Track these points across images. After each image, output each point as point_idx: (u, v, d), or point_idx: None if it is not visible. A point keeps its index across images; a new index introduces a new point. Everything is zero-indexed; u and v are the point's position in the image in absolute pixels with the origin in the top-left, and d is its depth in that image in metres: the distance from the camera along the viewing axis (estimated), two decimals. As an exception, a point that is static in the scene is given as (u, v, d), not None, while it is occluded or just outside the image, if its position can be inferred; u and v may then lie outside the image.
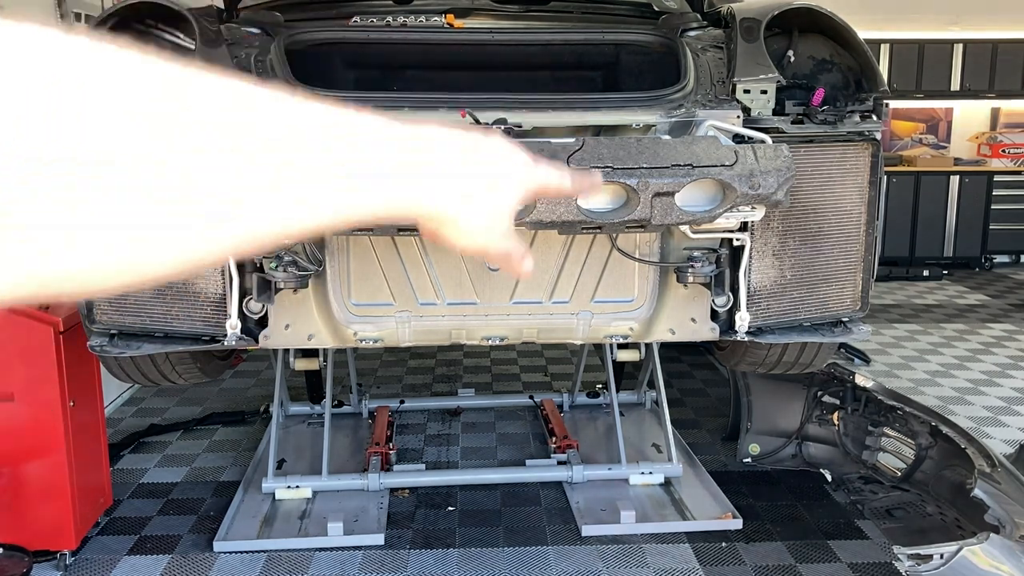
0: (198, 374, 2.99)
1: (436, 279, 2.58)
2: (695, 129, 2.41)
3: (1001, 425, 4.33)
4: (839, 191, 2.57)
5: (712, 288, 2.58)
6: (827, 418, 3.69)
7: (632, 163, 2.12)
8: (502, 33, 3.00)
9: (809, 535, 3.21)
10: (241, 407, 4.52)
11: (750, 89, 2.48)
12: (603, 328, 2.66)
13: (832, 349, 3.00)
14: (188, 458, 3.94)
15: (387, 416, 4.07)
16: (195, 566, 3.02)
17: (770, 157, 2.17)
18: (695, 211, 2.19)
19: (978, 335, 6.03)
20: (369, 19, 3.02)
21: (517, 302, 2.62)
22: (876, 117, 2.58)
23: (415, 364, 5.36)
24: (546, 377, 5.11)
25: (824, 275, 2.62)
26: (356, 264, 2.55)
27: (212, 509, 3.43)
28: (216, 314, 2.45)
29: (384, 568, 3.00)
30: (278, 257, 2.39)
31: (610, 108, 2.50)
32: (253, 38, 2.69)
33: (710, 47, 2.74)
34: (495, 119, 2.39)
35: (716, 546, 3.13)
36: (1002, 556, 2.27)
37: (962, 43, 8.11)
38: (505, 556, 3.07)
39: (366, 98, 2.49)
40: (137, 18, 2.49)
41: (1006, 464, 2.86)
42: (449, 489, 3.57)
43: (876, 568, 2.99)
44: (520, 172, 0.61)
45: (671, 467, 3.56)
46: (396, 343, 2.64)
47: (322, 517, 3.24)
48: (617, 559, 3.04)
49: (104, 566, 3.02)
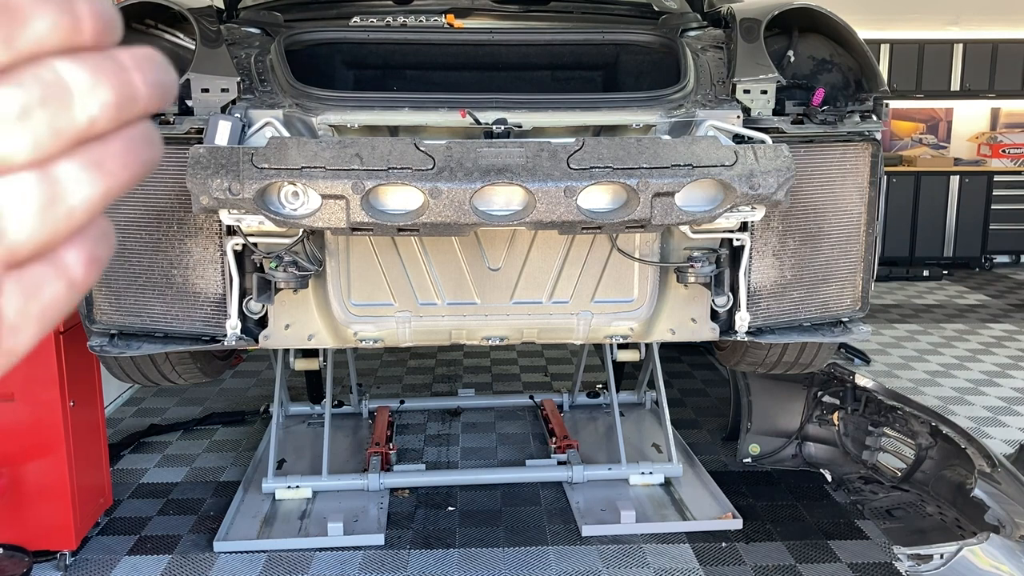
0: (198, 374, 2.99)
1: (436, 279, 2.58)
2: (695, 129, 2.41)
3: (1001, 425, 4.33)
4: (839, 191, 2.57)
5: (712, 288, 2.58)
6: (827, 418, 3.69)
7: (632, 163, 2.12)
8: (502, 33, 3.00)
9: (809, 535, 3.21)
10: (241, 407, 4.52)
11: (750, 89, 2.48)
12: (603, 328, 2.66)
13: (832, 349, 3.00)
14: (188, 458, 3.94)
15: (387, 416, 4.07)
16: (195, 566, 3.02)
17: (770, 157, 2.17)
18: (695, 211, 2.19)
19: (978, 335, 6.03)
20: (369, 19, 3.02)
21: (517, 302, 2.62)
22: (876, 117, 2.58)
23: (415, 364, 5.36)
24: (546, 377, 5.11)
25: (824, 275, 2.62)
26: (356, 264, 2.55)
27: (212, 509, 3.43)
28: (216, 314, 2.45)
29: (384, 568, 3.00)
30: (278, 257, 2.39)
31: (610, 108, 2.50)
32: (253, 38, 2.70)
33: (710, 47, 2.74)
34: (495, 119, 2.39)
35: (716, 546, 3.13)
36: (1002, 556, 2.27)
37: (962, 43, 8.11)
38: (505, 556, 3.07)
39: (366, 98, 2.49)
40: (137, 18, 2.49)
41: (1006, 464, 2.85)
42: (449, 489, 3.57)
43: (876, 568, 2.99)
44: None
45: (671, 467, 3.56)
46: (396, 343, 2.64)
47: (322, 517, 3.24)
48: (617, 559, 3.04)
49: (104, 566, 3.02)
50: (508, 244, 2.58)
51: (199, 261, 2.42)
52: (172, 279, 2.42)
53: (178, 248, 2.41)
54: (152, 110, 0.35)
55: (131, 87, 0.34)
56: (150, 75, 0.35)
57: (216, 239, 2.40)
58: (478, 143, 2.19)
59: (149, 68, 0.35)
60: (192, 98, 2.34)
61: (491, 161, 2.10)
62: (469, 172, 2.08)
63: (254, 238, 2.38)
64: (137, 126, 0.35)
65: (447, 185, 2.07)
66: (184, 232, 2.40)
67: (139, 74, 0.34)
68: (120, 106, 0.33)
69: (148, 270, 2.42)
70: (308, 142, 2.12)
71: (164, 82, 0.35)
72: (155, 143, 0.36)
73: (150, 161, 0.35)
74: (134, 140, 0.35)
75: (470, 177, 2.07)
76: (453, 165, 2.09)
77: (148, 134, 0.35)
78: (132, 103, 0.34)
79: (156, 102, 0.35)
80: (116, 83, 0.33)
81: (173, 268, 2.41)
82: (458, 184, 2.07)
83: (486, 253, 2.58)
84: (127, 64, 0.34)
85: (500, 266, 2.59)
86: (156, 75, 0.35)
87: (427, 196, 2.07)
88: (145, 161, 0.35)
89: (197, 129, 2.31)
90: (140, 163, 0.35)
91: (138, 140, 0.35)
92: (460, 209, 2.08)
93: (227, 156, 2.10)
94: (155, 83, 0.35)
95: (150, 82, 0.34)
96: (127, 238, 2.41)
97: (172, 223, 2.39)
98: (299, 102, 2.42)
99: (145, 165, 0.35)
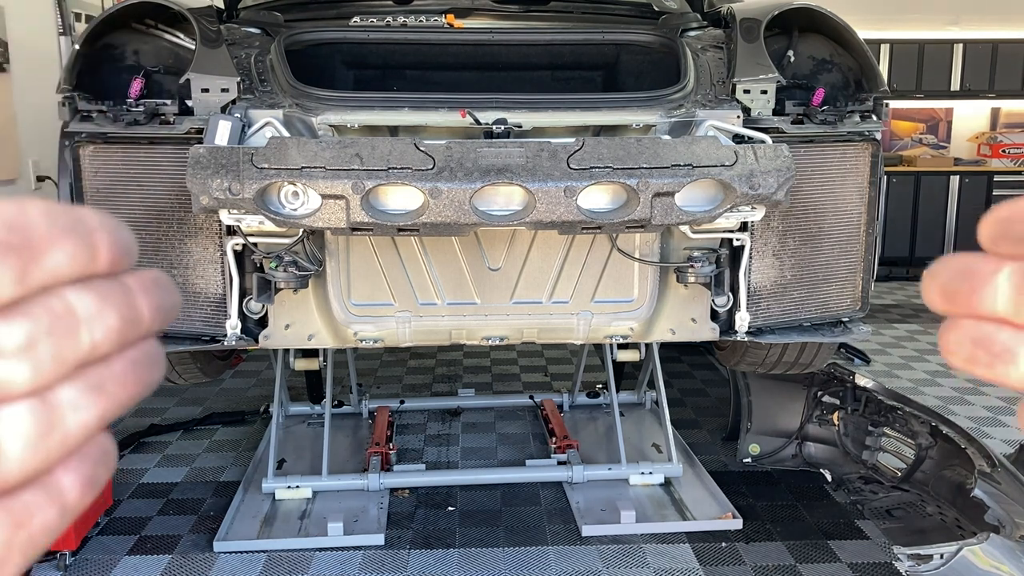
0: (198, 374, 2.99)
1: (436, 279, 2.58)
2: (695, 129, 2.42)
3: (1001, 425, 4.33)
4: (839, 191, 2.58)
5: (712, 288, 2.58)
6: (827, 418, 3.69)
7: (632, 163, 2.12)
8: (502, 33, 3.01)
9: (809, 535, 3.21)
10: (241, 407, 4.52)
11: (750, 89, 2.48)
12: (603, 328, 2.66)
13: (832, 349, 3.00)
14: (188, 458, 3.94)
15: (387, 416, 4.07)
16: (195, 566, 3.02)
17: (770, 157, 2.17)
18: (695, 211, 2.20)
19: (978, 335, 6.02)
20: (369, 19, 3.02)
21: (517, 302, 2.62)
22: (876, 117, 2.58)
23: (415, 364, 5.36)
24: (546, 377, 5.11)
25: (824, 275, 2.62)
26: (356, 264, 2.55)
27: (212, 509, 3.43)
28: (216, 314, 2.45)
29: (384, 568, 3.00)
30: (278, 257, 2.39)
31: (610, 108, 2.51)
32: (253, 38, 2.70)
33: (710, 47, 2.75)
34: (495, 119, 2.39)
35: (716, 546, 3.13)
36: (1002, 556, 2.27)
37: (962, 43, 8.11)
38: (505, 556, 3.07)
39: (366, 98, 2.49)
40: (137, 18, 2.49)
41: (1006, 464, 2.85)
42: (449, 489, 3.57)
43: (876, 568, 2.99)
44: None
45: (671, 467, 3.56)
46: (396, 343, 2.64)
47: (322, 517, 3.24)
48: (617, 559, 3.04)
49: (104, 566, 3.02)
50: (508, 244, 2.58)
51: (199, 261, 2.42)
52: (172, 279, 2.42)
53: (178, 248, 2.41)
54: (154, 331, 0.36)
55: (136, 311, 0.34)
56: (155, 298, 0.35)
57: (216, 239, 2.40)
58: (478, 143, 2.19)
59: (154, 291, 0.35)
60: (192, 98, 2.34)
61: (491, 161, 2.10)
62: (469, 172, 2.08)
63: (254, 238, 2.38)
64: (139, 346, 0.35)
65: (447, 185, 2.07)
66: (184, 232, 2.40)
67: (144, 297, 0.35)
68: (124, 330, 0.33)
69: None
70: (308, 142, 2.12)
71: (167, 304, 0.36)
72: (157, 363, 0.36)
73: (151, 381, 0.36)
74: (136, 361, 0.35)
75: (470, 177, 2.08)
76: (453, 165, 2.09)
77: (150, 354, 0.36)
78: (136, 326, 0.34)
79: (159, 324, 0.36)
80: (122, 308, 0.33)
81: (173, 268, 2.41)
82: (458, 184, 2.07)
83: (486, 253, 2.58)
84: (134, 288, 0.34)
85: (500, 266, 2.59)
86: (160, 298, 0.36)
87: (427, 196, 2.07)
88: (146, 381, 0.35)
89: (197, 129, 2.31)
90: (141, 383, 0.35)
91: (140, 361, 0.35)
92: (460, 209, 2.08)
93: (227, 156, 2.10)
94: (159, 306, 0.36)
95: (154, 305, 0.35)
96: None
97: (172, 223, 2.39)
98: (299, 102, 2.42)
99: (146, 385, 0.35)
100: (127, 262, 0.34)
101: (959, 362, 0.36)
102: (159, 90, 2.41)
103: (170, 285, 0.36)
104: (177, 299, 0.37)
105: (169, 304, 0.36)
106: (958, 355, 0.36)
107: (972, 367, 0.36)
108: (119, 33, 2.47)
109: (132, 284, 0.34)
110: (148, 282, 0.35)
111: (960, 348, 0.36)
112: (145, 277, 0.35)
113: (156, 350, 0.36)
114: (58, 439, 0.32)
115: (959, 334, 0.36)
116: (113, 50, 2.46)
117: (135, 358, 0.35)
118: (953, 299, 0.36)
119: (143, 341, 0.35)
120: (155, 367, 0.36)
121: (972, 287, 0.35)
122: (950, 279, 0.36)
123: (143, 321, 0.34)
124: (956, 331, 0.36)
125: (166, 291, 0.36)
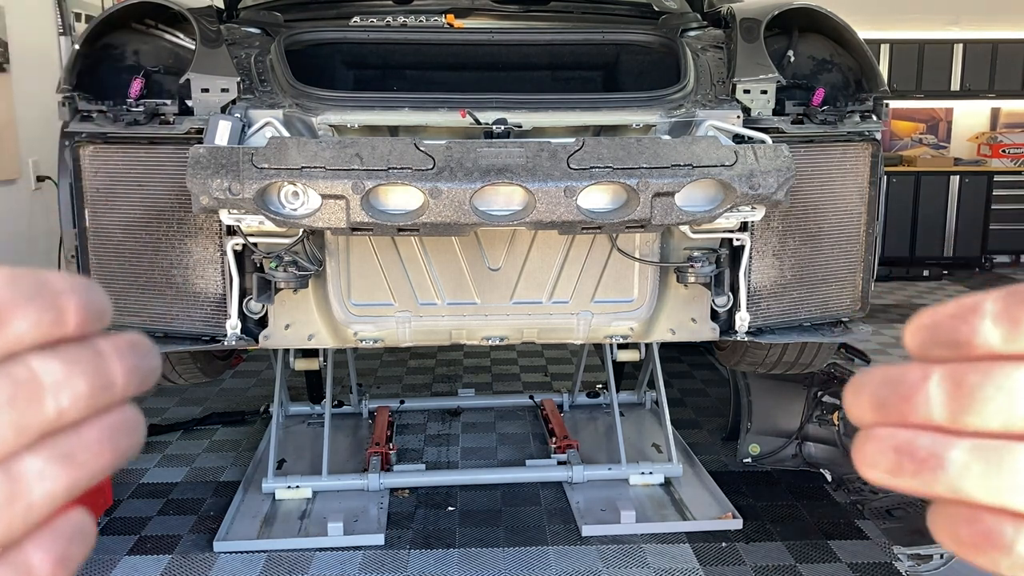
0: (198, 374, 2.99)
1: (436, 279, 2.58)
2: (695, 129, 2.42)
3: (1001, 425, 4.33)
4: (839, 191, 2.58)
5: (712, 288, 2.58)
6: (827, 418, 3.69)
7: (632, 163, 2.12)
8: (502, 33, 3.01)
9: (809, 535, 3.21)
10: (241, 407, 4.52)
11: (750, 89, 2.48)
12: (603, 328, 2.66)
13: (832, 349, 3.00)
14: (188, 458, 3.94)
15: (387, 416, 4.07)
16: (195, 566, 3.02)
17: (770, 157, 2.17)
18: (695, 211, 2.20)
19: (978, 335, 6.02)
20: (369, 19, 3.02)
21: (517, 302, 2.62)
22: (876, 117, 2.58)
23: (415, 364, 5.36)
24: (546, 377, 5.11)
25: (824, 275, 2.62)
26: (356, 264, 2.55)
27: (212, 509, 3.43)
28: (216, 314, 2.45)
29: (384, 568, 3.00)
30: (278, 257, 2.39)
31: (610, 108, 2.51)
32: (253, 38, 2.70)
33: (710, 47, 2.75)
34: (495, 119, 2.39)
35: (716, 546, 3.13)
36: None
37: (962, 43, 8.10)
38: (505, 556, 3.07)
39: (366, 98, 2.49)
40: (137, 18, 2.49)
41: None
42: (449, 489, 3.57)
43: (876, 568, 2.99)
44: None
45: (671, 467, 3.56)
46: (396, 343, 2.64)
47: (322, 517, 3.24)
48: (617, 559, 3.04)
49: (104, 566, 3.02)
50: (508, 244, 2.58)
51: (199, 261, 2.42)
52: (172, 279, 2.42)
53: (178, 248, 2.41)
54: (130, 396, 0.34)
55: (107, 376, 0.32)
56: (130, 362, 0.33)
57: (216, 239, 2.40)
58: (478, 143, 2.19)
59: (129, 355, 0.34)
60: (192, 98, 2.34)
61: (491, 161, 2.10)
62: (469, 172, 2.08)
63: (254, 238, 2.38)
64: (114, 413, 0.33)
65: (447, 185, 2.07)
66: (184, 232, 2.40)
67: (119, 362, 0.33)
68: (95, 396, 0.32)
69: (148, 270, 2.42)
70: (308, 142, 2.12)
71: (144, 368, 0.34)
72: (134, 430, 0.34)
73: (128, 449, 0.34)
74: (110, 428, 0.33)
75: (470, 177, 2.08)
76: (453, 165, 2.09)
77: (127, 420, 0.34)
78: (108, 391, 0.33)
79: (134, 388, 0.34)
80: (91, 373, 0.32)
81: (173, 268, 2.41)
82: (458, 184, 2.07)
83: (486, 253, 2.58)
84: (106, 352, 0.33)
85: (500, 266, 2.59)
86: (136, 361, 0.34)
87: (427, 196, 2.07)
88: (122, 449, 0.33)
89: (197, 129, 2.31)
90: (116, 451, 0.33)
91: (115, 427, 0.33)
92: (460, 209, 2.08)
93: (227, 156, 2.10)
94: (134, 369, 0.34)
95: (129, 369, 0.33)
96: (127, 238, 2.41)
97: (172, 223, 2.39)
98: (299, 102, 2.42)
99: (122, 453, 0.33)
100: (99, 324, 0.33)
101: (880, 474, 0.34)
102: (159, 90, 2.41)
103: (148, 348, 0.34)
104: (156, 362, 0.35)
105: (147, 367, 0.34)
106: (879, 467, 0.34)
107: (896, 477, 0.34)
108: (119, 33, 2.47)
109: (105, 348, 0.33)
110: (123, 345, 0.33)
111: (881, 459, 0.34)
112: (120, 341, 0.33)
113: (133, 416, 0.34)
114: (21, 510, 0.30)
115: (878, 444, 0.34)
116: (113, 50, 2.46)
117: (109, 424, 0.33)
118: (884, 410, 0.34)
119: (118, 407, 0.33)
120: (132, 434, 0.34)
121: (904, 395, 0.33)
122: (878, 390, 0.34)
123: (116, 386, 0.33)
124: (873, 441, 0.34)
125: (143, 354, 0.34)
